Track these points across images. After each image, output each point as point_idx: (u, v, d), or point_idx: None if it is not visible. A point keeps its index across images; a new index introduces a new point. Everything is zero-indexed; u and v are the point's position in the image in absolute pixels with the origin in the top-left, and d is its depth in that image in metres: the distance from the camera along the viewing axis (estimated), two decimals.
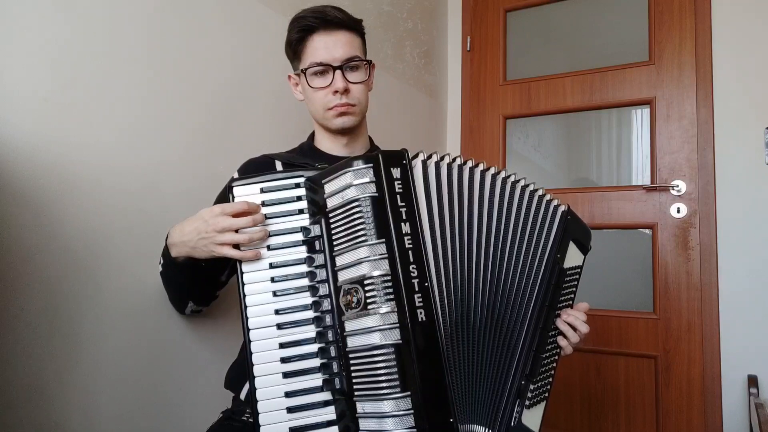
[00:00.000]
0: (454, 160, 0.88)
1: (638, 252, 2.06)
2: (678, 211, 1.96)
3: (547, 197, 0.98)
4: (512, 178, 0.95)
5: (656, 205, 2.00)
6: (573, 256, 0.99)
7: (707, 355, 1.89)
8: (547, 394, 0.94)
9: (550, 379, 0.95)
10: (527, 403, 0.89)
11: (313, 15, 1.04)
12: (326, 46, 1.03)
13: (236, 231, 0.83)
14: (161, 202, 1.13)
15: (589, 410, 2.07)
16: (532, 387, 0.90)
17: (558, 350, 0.97)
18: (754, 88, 1.87)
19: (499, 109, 2.35)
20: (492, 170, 0.93)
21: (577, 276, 1.01)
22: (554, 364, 0.96)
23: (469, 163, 0.90)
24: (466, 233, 0.87)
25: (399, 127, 2.08)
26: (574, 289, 1.00)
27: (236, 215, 0.83)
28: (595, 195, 2.12)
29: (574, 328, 0.96)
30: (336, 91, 1.04)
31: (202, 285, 1.05)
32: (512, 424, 0.86)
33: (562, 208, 0.99)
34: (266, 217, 0.84)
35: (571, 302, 1.00)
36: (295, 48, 1.07)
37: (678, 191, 1.96)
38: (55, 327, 0.93)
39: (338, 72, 1.03)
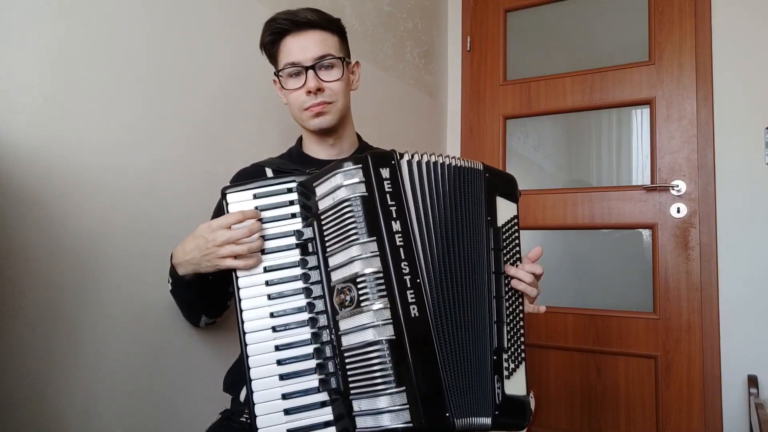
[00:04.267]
0: (429, 156, 0.88)
1: (638, 252, 2.06)
2: (678, 211, 1.96)
3: (467, 165, 0.93)
4: (467, 165, 0.93)
5: (656, 205, 2.00)
6: (504, 210, 0.96)
7: (707, 355, 1.88)
8: (523, 355, 0.93)
9: (522, 339, 0.94)
10: (506, 374, 0.88)
11: (284, 17, 1.04)
12: (299, 47, 1.04)
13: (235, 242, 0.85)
14: (161, 202, 1.14)
15: (589, 410, 2.07)
16: (505, 356, 0.89)
17: (519, 309, 0.95)
18: (754, 88, 1.87)
19: (499, 109, 2.35)
20: (467, 163, 0.92)
21: (516, 227, 0.98)
22: (521, 323, 0.95)
23: (452, 161, 0.90)
24: (445, 228, 0.87)
25: (399, 127, 2.09)
26: (516, 241, 0.97)
27: (233, 226, 0.85)
28: (595, 195, 2.12)
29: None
30: (309, 91, 1.04)
31: (211, 298, 1.06)
32: (497, 401, 0.86)
33: (479, 167, 0.95)
34: (259, 221, 0.86)
35: (518, 255, 0.97)
36: (269, 51, 1.09)
37: (678, 191, 1.96)
38: (54, 327, 0.94)
39: (310, 72, 1.03)
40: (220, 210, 0.98)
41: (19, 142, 0.90)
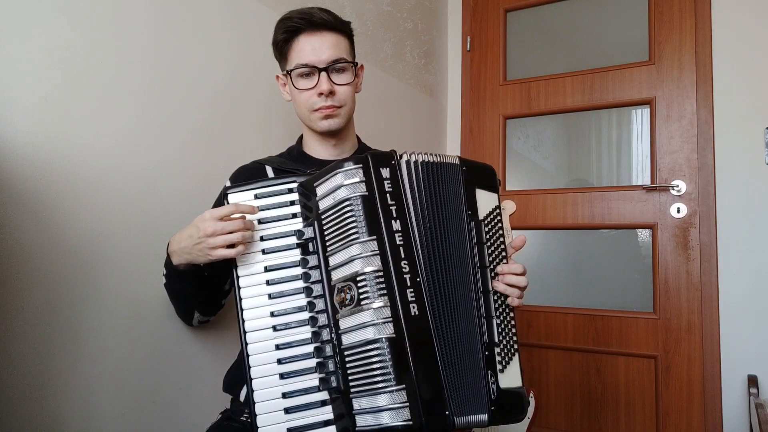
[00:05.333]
0: (426, 156, 0.88)
1: (638, 252, 2.06)
2: (678, 211, 1.96)
3: (445, 160, 0.92)
4: (445, 160, 0.92)
5: (656, 205, 2.00)
6: (485, 202, 0.96)
7: (707, 355, 1.88)
8: (516, 347, 0.93)
9: (514, 330, 0.94)
10: (499, 368, 0.88)
11: (299, 16, 1.04)
12: (312, 48, 1.04)
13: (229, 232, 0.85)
14: (161, 203, 1.14)
15: (589, 410, 2.07)
16: (497, 350, 0.89)
17: (508, 302, 0.95)
18: (753, 88, 1.87)
19: (499, 109, 2.35)
20: (443, 158, 0.92)
21: (499, 218, 0.98)
22: (511, 315, 0.94)
23: (431, 158, 0.90)
24: (438, 226, 0.87)
25: (399, 127, 2.09)
26: (501, 232, 0.97)
27: (226, 218, 0.85)
28: (595, 195, 2.12)
29: (515, 286, 0.94)
30: (321, 93, 1.04)
31: (206, 294, 1.05)
32: (492, 396, 0.86)
33: (456, 162, 0.93)
34: (260, 222, 0.87)
35: (503, 246, 0.97)
36: (281, 49, 1.08)
37: (678, 191, 1.96)
38: (54, 327, 0.94)
39: (323, 74, 1.04)
40: (219, 203, 0.99)
41: (18, 142, 0.90)
